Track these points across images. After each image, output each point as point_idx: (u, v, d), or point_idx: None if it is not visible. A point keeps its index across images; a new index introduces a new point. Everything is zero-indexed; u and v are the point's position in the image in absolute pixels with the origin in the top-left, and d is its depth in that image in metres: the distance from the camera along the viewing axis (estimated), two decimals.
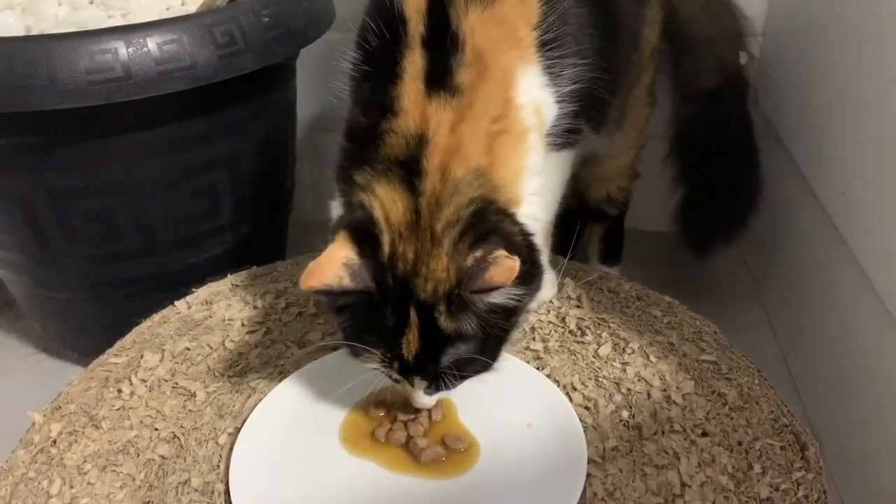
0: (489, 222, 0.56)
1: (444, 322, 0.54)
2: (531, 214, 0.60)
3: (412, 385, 0.58)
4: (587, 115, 0.70)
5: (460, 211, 0.56)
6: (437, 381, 0.58)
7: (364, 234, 0.56)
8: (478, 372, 0.58)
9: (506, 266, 0.52)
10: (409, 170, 0.56)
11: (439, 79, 0.57)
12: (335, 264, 0.55)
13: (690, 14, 0.88)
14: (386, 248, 0.56)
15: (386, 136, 0.57)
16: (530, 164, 0.61)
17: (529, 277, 0.56)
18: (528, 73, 0.60)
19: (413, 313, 0.55)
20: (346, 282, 0.54)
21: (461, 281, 0.54)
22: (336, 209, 0.61)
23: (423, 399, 0.59)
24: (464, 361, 0.57)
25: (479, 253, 0.54)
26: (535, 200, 0.61)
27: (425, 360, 0.56)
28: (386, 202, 0.56)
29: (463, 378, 0.59)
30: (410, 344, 0.55)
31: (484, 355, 0.57)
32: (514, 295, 0.55)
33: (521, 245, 0.57)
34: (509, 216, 0.58)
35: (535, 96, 0.61)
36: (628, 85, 0.82)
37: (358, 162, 0.59)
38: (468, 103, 0.57)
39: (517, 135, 0.60)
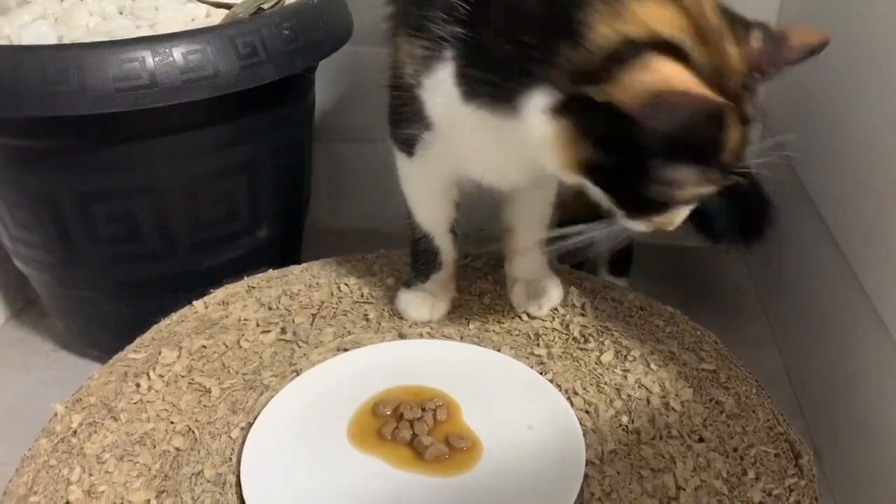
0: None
1: (749, 111, 0.54)
2: None
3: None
4: None
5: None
6: None
7: (668, 51, 0.50)
8: None
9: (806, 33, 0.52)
10: None
11: None
12: (686, 78, 0.49)
13: None
14: (697, 57, 0.51)
15: None
16: None
17: None
18: None
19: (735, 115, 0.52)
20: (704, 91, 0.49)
21: (753, 65, 0.53)
22: None
23: None
24: None
25: (757, 32, 0.53)
26: None
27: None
28: (655, 17, 0.51)
29: None
30: (739, 145, 0.53)
31: None
32: None
33: None
34: None
35: None
36: None
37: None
38: None
39: None
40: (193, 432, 0.65)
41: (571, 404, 0.66)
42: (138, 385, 0.69)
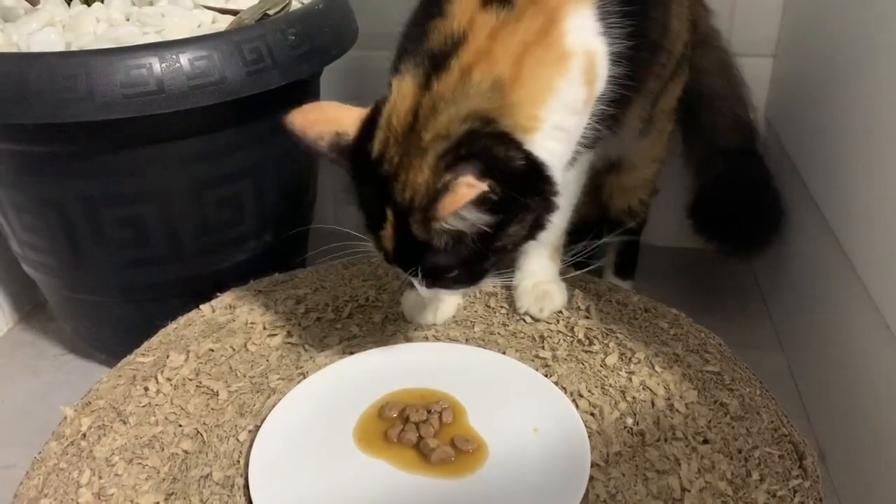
0: (477, 146, 0.54)
1: (416, 231, 0.56)
2: (550, 148, 0.58)
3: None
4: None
5: (453, 126, 0.55)
6: (423, 279, 0.60)
7: (374, 121, 0.57)
8: (458, 285, 0.60)
9: (458, 194, 0.51)
10: (436, 64, 0.56)
11: None
12: (331, 123, 0.56)
13: (705, 66, 0.90)
14: (376, 146, 0.57)
15: (432, 33, 0.58)
16: (563, 90, 0.58)
17: (508, 204, 0.55)
18: (582, 13, 0.60)
19: (390, 214, 0.57)
20: (322, 145, 0.56)
21: (432, 200, 0.54)
22: None
23: (420, 287, 0.61)
24: (442, 270, 0.58)
25: (447, 177, 0.53)
26: (558, 135, 0.59)
27: (402, 258, 0.59)
28: (398, 97, 0.57)
29: (445, 285, 0.60)
30: (387, 240, 0.58)
31: (462, 271, 0.59)
32: (480, 221, 0.55)
33: (511, 169, 0.55)
34: (507, 141, 0.55)
35: (587, 40, 0.60)
36: (656, 82, 0.81)
37: (406, 54, 0.60)
38: (516, 16, 0.57)
39: (556, 54, 0.57)
40: (201, 435, 0.65)
41: (576, 406, 0.66)
42: (146, 388, 0.70)
